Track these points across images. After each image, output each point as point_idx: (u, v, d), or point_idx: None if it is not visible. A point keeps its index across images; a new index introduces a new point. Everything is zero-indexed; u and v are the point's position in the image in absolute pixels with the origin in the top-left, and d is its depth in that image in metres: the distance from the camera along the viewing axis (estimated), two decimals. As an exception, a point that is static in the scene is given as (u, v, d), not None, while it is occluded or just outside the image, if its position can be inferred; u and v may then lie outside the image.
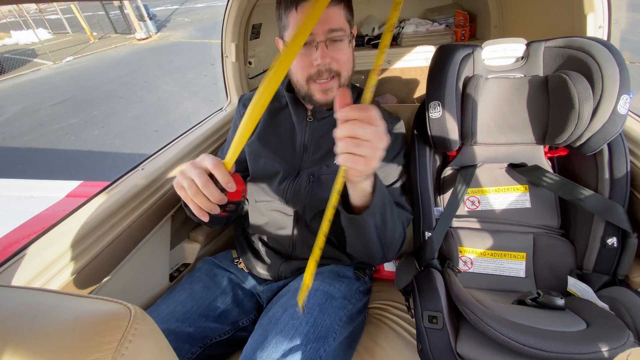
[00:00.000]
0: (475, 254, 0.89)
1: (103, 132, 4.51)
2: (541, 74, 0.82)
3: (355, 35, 0.80)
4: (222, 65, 1.25)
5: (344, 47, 0.75)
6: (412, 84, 1.68)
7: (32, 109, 5.77)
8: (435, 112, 0.80)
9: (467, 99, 0.80)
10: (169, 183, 0.94)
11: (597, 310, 0.65)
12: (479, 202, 0.94)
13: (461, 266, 0.90)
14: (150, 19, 10.27)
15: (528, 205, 0.90)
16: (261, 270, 0.92)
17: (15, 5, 11.50)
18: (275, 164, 0.86)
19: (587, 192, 0.77)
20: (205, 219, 0.57)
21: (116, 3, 9.78)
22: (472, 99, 0.79)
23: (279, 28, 0.80)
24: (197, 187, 0.54)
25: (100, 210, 0.77)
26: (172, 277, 0.99)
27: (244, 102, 0.97)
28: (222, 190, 0.55)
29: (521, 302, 0.73)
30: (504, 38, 0.84)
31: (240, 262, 0.98)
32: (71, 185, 2.15)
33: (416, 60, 1.63)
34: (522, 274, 0.86)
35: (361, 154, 0.49)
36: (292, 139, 0.88)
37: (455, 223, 0.94)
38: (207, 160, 0.54)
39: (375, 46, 1.65)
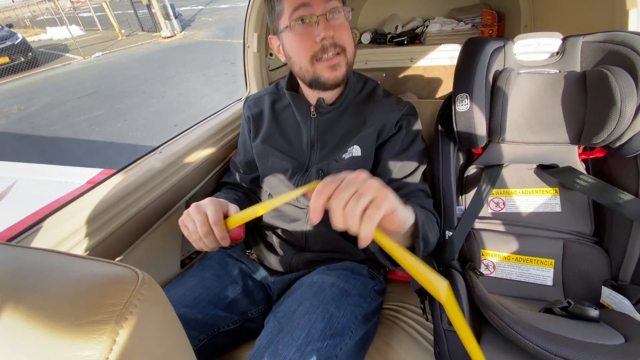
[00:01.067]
0: (498, 258, 0.84)
1: (125, 124, 4.64)
2: (578, 69, 0.77)
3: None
4: (243, 55, 1.25)
5: (343, 19, 0.72)
6: (435, 82, 1.64)
7: (61, 100, 6.02)
8: (462, 105, 0.76)
9: (498, 93, 0.76)
10: (186, 168, 0.94)
11: (636, 324, 0.59)
12: (504, 203, 0.89)
13: (483, 270, 0.85)
14: (176, 18, 10.56)
15: (558, 209, 0.85)
16: (273, 262, 0.91)
17: (52, 3, 12.08)
18: (283, 162, 0.86)
19: (627, 197, 0.71)
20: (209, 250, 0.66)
21: (144, 1, 10.10)
22: (502, 92, 0.75)
23: (270, 24, 0.77)
24: (199, 233, 0.62)
25: (116, 190, 0.77)
26: (183, 264, 0.98)
27: (248, 104, 0.95)
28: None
29: (548, 311, 0.68)
30: (538, 32, 0.79)
31: (252, 253, 0.96)
32: (92, 172, 2.21)
33: (440, 59, 1.58)
34: (550, 282, 0.80)
35: (365, 207, 0.44)
36: (299, 136, 0.86)
37: (478, 224, 0.89)
38: (209, 211, 0.62)
39: (398, 44, 1.62)
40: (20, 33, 8.76)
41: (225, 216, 0.65)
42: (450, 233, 0.81)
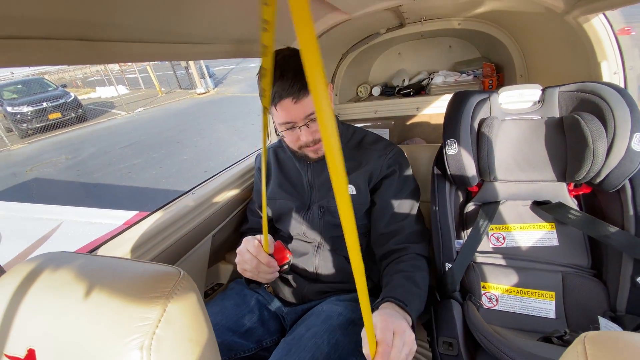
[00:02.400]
0: (500, 291, 0.88)
1: (160, 171, 5.04)
2: (557, 115, 0.87)
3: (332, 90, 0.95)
4: (266, 110, 1.44)
5: None
6: (441, 129, 1.75)
7: (104, 150, 6.65)
8: (451, 149, 0.87)
9: (482, 138, 0.86)
10: (214, 207, 1.08)
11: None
12: (503, 238, 0.94)
13: (486, 303, 0.88)
14: (210, 77, 11.73)
15: (556, 243, 0.89)
16: (287, 294, 0.98)
17: (102, 66, 13.81)
18: (288, 202, 0.99)
19: (613, 229, 0.76)
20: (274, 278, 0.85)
21: (183, 63, 11.37)
22: (486, 137, 0.86)
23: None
24: (257, 270, 0.81)
25: (157, 224, 0.91)
26: (206, 294, 1.07)
27: (257, 167, 1.13)
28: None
29: (547, 340, 0.71)
30: (520, 84, 0.91)
31: (269, 286, 1.05)
32: (128, 214, 2.44)
33: (444, 107, 1.71)
34: (552, 315, 0.82)
35: None
36: (299, 180, 1.00)
37: (480, 259, 0.94)
38: (250, 247, 0.81)
39: (405, 95, 1.79)
40: (72, 92, 9.99)
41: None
42: (450, 265, 0.87)
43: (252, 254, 0.80)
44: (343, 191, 0.36)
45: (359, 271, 0.44)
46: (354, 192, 0.92)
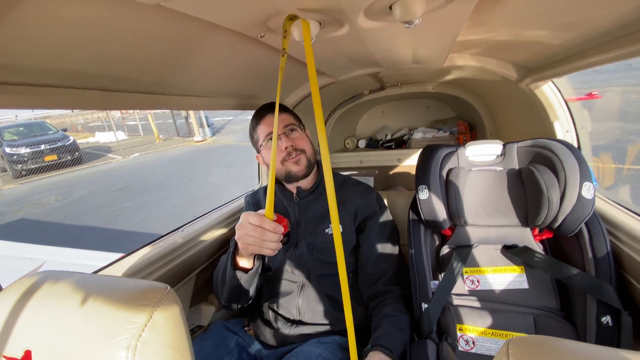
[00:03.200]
0: (476, 333, 0.90)
1: (149, 215, 5.01)
2: (517, 167, 0.98)
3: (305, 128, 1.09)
4: (258, 157, 1.55)
5: (299, 133, 1.03)
6: (421, 179, 1.88)
7: (95, 193, 6.64)
8: (423, 194, 0.96)
9: (450, 185, 0.96)
10: (201, 245, 1.11)
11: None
12: (478, 281, 0.99)
13: (463, 346, 0.90)
14: (209, 126, 12.21)
15: (526, 286, 0.94)
16: (268, 336, 0.98)
17: (104, 113, 14.31)
18: None
19: (575, 271, 0.82)
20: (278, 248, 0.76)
21: (183, 113, 11.90)
22: (454, 184, 0.95)
23: (254, 146, 1.09)
24: (261, 240, 0.72)
25: (143, 259, 0.94)
26: (186, 336, 1.06)
27: (247, 197, 1.21)
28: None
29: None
30: (484, 140, 1.03)
31: (250, 329, 1.05)
32: (112, 256, 2.40)
33: (424, 160, 1.86)
34: None
35: None
36: (287, 217, 1.06)
37: (457, 301, 0.97)
38: (251, 219, 0.72)
39: (388, 148, 1.94)
40: (72, 136, 10.22)
41: None
42: (426, 305, 0.90)
43: (255, 224, 0.72)
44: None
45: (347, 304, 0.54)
46: (341, 230, 0.98)
